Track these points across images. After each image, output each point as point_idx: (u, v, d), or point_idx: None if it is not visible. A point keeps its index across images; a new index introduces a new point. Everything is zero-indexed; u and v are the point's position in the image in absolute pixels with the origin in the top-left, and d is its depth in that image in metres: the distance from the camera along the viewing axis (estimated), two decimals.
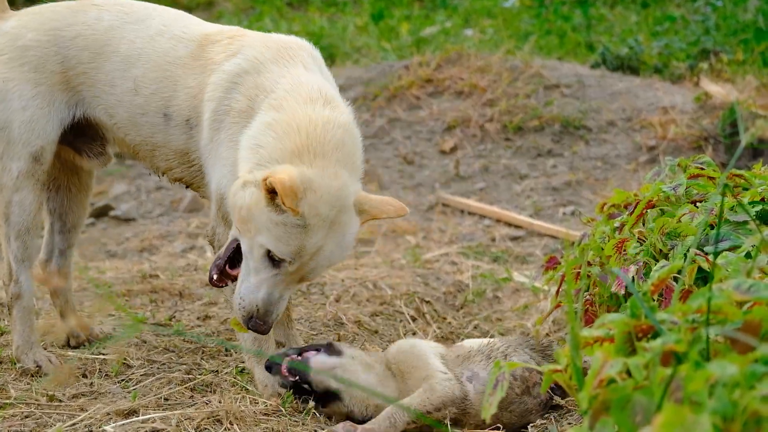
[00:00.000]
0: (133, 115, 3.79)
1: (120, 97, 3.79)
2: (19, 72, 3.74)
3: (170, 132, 3.76)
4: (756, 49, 9.28)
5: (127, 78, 3.77)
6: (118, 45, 3.79)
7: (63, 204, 4.14)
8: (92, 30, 3.80)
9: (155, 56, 3.76)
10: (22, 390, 3.46)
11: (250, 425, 3.15)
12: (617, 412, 1.78)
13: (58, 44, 3.78)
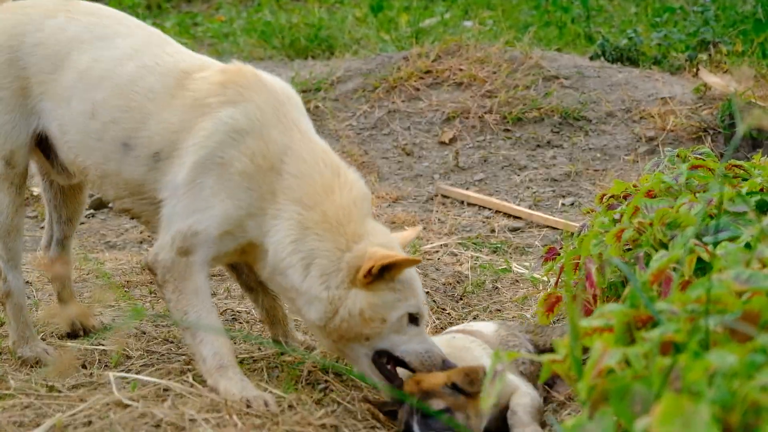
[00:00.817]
0: (86, 138, 3.62)
1: (74, 117, 3.63)
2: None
3: (126, 162, 3.58)
4: (755, 40, 9.27)
5: (85, 99, 3.61)
6: (78, 59, 3.63)
7: (57, 197, 4.11)
8: (55, 39, 3.66)
9: (120, 81, 3.59)
10: (22, 380, 3.46)
11: (250, 416, 3.15)
12: (616, 402, 1.78)
13: (21, 50, 3.67)
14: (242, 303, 4.52)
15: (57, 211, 4.12)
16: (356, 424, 3.35)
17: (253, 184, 3.43)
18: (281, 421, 3.16)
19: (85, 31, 3.67)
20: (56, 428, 3.03)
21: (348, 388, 3.65)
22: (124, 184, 3.61)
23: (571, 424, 1.83)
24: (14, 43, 3.67)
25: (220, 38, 11.15)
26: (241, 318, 4.29)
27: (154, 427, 3.06)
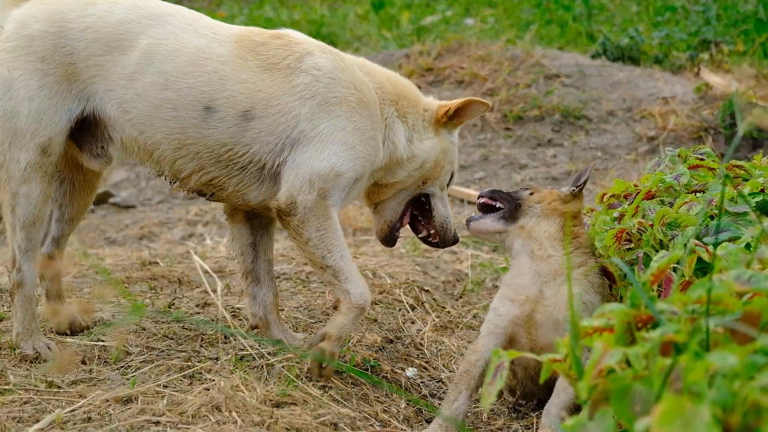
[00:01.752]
0: (158, 111, 3.70)
1: (142, 92, 3.69)
2: (25, 61, 3.68)
3: (210, 125, 3.72)
4: (756, 40, 9.27)
5: (154, 73, 3.69)
6: (135, 39, 3.72)
7: (64, 196, 4.11)
8: (104, 23, 3.72)
9: (187, 51, 3.72)
10: (21, 376, 3.46)
11: (250, 412, 3.15)
12: (617, 402, 1.78)
13: (66, 36, 3.70)
14: (241, 300, 4.52)
15: (60, 209, 4.11)
16: (355, 422, 3.35)
17: (368, 109, 3.83)
18: (280, 417, 3.16)
19: (131, 13, 3.76)
20: (55, 424, 3.03)
21: (347, 385, 3.65)
22: (208, 151, 3.73)
23: (572, 423, 1.83)
24: (57, 29, 3.71)
25: None
26: (241, 315, 4.29)
27: (154, 423, 3.06)
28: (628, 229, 3.44)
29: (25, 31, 3.70)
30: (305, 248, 3.74)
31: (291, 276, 5.07)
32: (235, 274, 5.09)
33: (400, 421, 3.51)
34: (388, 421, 3.47)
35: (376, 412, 3.51)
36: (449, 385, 3.53)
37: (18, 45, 3.69)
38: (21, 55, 3.68)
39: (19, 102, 3.66)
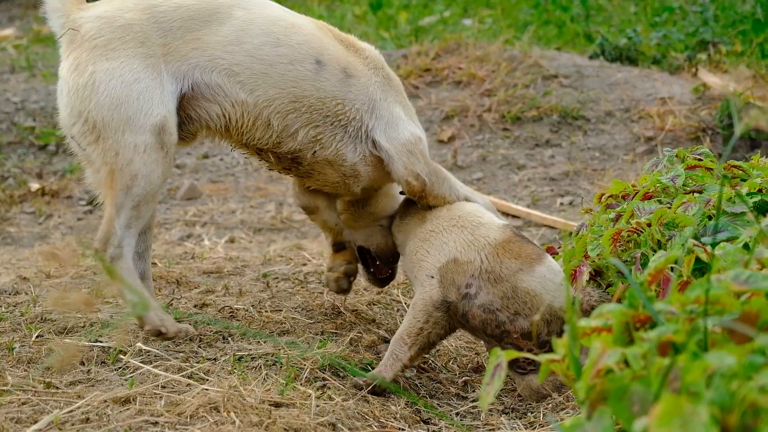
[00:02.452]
0: (273, 67, 3.93)
1: (253, 51, 3.91)
2: (124, 49, 3.76)
3: (322, 78, 4.01)
4: (754, 41, 9.28)
5: (263, 34, 3.94)
6: (230, 12, 3.93)
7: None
8: (193, 1, 3.92)
9: (286, 18, 4.06)
10: (19, 377, 3.46)
11: (248, 413, 3.15)
12: (615, 402, 1.78)
13: (157, 19, 3.83)
14: (240, 300, 4.52)
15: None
16: (354, 422, 3.35)
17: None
18: (278, 418, 3.16)
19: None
20: (54, 425, 3.03)
21: (346, 386, 3.65)
22: (320, 104, 4.01)
23: (570, 423, 1.83)
24: (149, 14, 3.84)
25: None
26: (239, 315, 4.29)
27: (152, 424, 3.06)
28: (624, 230, 3.44)
29: (118, 23, 3.80)
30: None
31: (289, 276, 5.06)
32: (234, 275, 5.09)
33: (398, 421, 3.51)
34: (386, 422, 3.47)
35: (374, 412, 3.51)
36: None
37: (113, 37, 3.78)
38: (118, 45, 3.77)
39: (126, 87, 3.74)
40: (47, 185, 7.48)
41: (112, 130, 3.73)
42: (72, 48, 3.82)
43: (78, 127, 3.79)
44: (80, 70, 3.77)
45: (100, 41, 3.77)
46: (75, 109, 3.77)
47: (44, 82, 8.94)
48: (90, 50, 3.78)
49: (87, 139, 3.78)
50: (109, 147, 3.73)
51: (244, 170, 7.78)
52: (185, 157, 7.94)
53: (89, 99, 3.74)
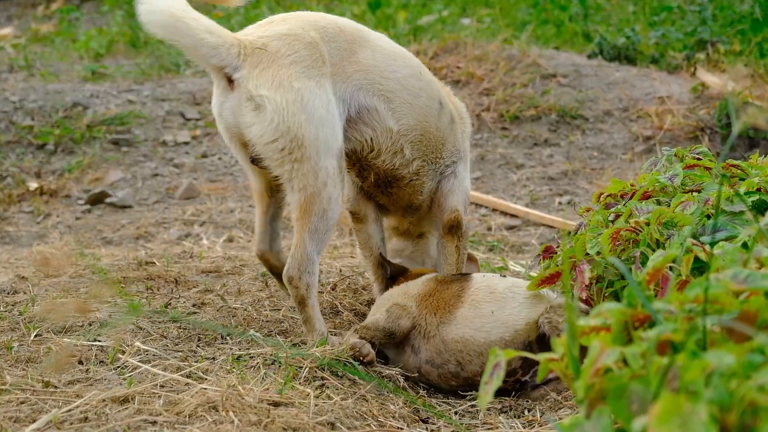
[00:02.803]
0: (415, 99, 4.08)
1: (403, 81, 4.04)
2: (317, 68, 3.76)
3: (441, 119, 4.24)
4: (753, 40, 9.28)
5: (404, 66, 4.09)
6: (377, 42, 4.07)
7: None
8: (348, 25, 4.03)
9: (415, 60, 4.25)
10: (18, 376, 3.46)
11: (247, 412, 3.15)
12: (614, 401, 1.78)
13: (329, 39, 3.86)
14: (238, 299, 4.52)
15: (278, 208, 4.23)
16: (352, 422, 3.35)
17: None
18: (277, 417, 3.16)
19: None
20: (52, 424, 3.03)
21: (344, 385, 3.65)
22: (435, 141, 4.24)
23: (569, 423, 1.83)
24: (321, 35, 3.87)
25: None
26: (238, 314, 4.29)
27: (151, 423, 3.06)
28: (623, 230, 3.44)
29: (306, 41, 3.79)
30: (455, 256, 4.38)
31: None
32: (232, 274, 5.09)
33: (396, 420, 3.51)
34: (385, 421, 3.47)
35: (372, 411, 3.51)
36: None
37: (306, 54, 3.77)
38: (311, 63, 3.76)
39: (324, 107, 3.73)
40: (45, 184, 7.47)
41: (314, 151, 3.69)
42: (261, 67, 3.71)
43: (280, 144, 3.69)
44: (285, 86, 3.68)
45: (297, 57, 3.73)
46: (280, 126, 3.67)
47: (42, 82, 8.94)
48: (288, 66, 3.71)
49: (288, 158, 3.71)
50: (310, 168, 3.70)
51: (242, 170, 7.77)
52: (184, 157, 7.94)
53: (297, 116, 3.67)
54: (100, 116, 8.25)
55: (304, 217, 3.72)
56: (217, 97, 3.82)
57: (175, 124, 8.37)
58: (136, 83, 9.12)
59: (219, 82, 3.78)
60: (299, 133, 3.66)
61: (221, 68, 3.70)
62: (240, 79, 3.70)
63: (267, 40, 3.76)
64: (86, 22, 12.76)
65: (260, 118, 3.68)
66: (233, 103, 3.74)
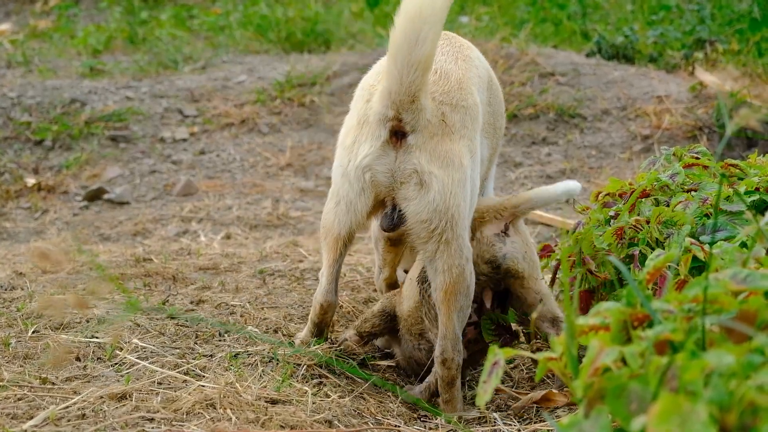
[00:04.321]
0: (496, 119, 4.03)
1: (494, 107, 3.99)
2: (474, 141, 3.59)
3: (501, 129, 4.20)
4: (751, 39, 9.28)
5: (497, 88, 4.10)
6: (493, 76, 4.08)
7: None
8: (482, 62, 3.96)
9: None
10: (15, 372, 3.45)
11: (245, 410, 3.15)
12: (612, 401, 1.78)
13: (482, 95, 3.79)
14: (236, 297, 4.52)
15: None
16: (350, 419, 3.35)
17: None
18: (275, 415, 3.16)
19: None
20: (50, 421, 3.02)
21: (342, 383, 3.65)
22: (496, 155, 4.20)
23: (567, 422, 1.83)
24: (478, 102, 3.73)
25: (216, 31, 11.13)
26: (236, 312, 4.29)
27: (148, 420, 3.05)
28: (625, 227, 3.44)
29: (468, 119, 3.58)
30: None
31: (285, 273, 5.06)
32: (230, 271, 5.09)
33: (394, 418, 3.51)
34: (382, 418, 3.47)
35: (370, 409, 3.51)
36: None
37: (464, 134, 3.55)
38: (467, 142, 3.56)
39: (473, 183, 3.59)
40: (43, 180, 7.47)
41: (463, 229, 3.53)
42: (437, 139, 3.46)
43: (433, 225, 3.48)
44: (455, 164, 3.49)
45: (466, 132, 3.56)
46: (440, 206, 3.47)
47: (40, 78, 8.93)
48: (459, 141, 3.53)
49: (437, 238, 3.48)
50: (456, 248, 3.53)
51: (241, 167, 7.77)
52: (182, 153, 7.94)
53: (457, 197, 3.50)
54: (98, 112, 8.24)
55: (451, 298, 3.52)
56: (374, 147, 3.47)
57: (173, 120, 8.37)
58: (134, 80, 9.12)
59: (381, 132, 3.46)
60: (455, 213, 3.44)
61: (399, 119, 3.42)
62: (413, 145, 3.42)
63: (446, 109, 3.48)
64: (84, 18, 12.75)
65: (421, 195, 3.43)
66: (395, 165, 3.44)
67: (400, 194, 3.45)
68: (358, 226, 3.62)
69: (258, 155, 7.94)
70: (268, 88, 8.78)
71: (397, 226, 3.52)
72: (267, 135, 8.25)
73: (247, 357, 3.70)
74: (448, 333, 3.57)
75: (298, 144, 8.11)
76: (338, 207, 3.59)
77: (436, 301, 3.57)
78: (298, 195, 7.30)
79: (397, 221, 3.50)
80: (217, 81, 9.00)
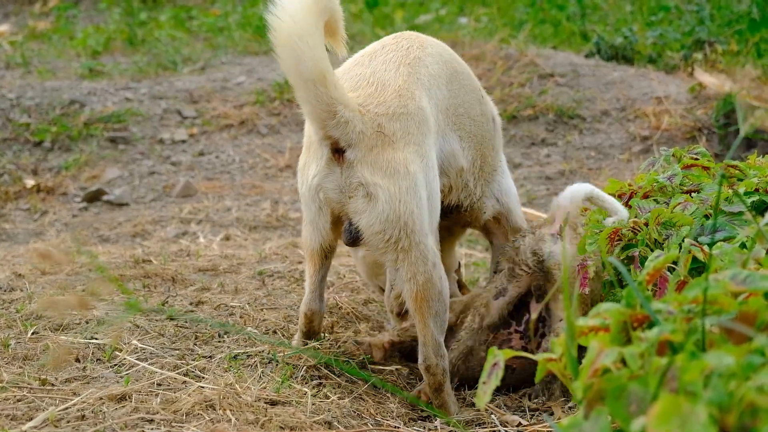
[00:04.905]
0: (478, 127, 4.01)
1: (469, 112, 3.95)
2: (423, 146, 3.60)
3: (495, 137, 4.21)
4: (750, 40, 9.28)
5: (470, 90, 4.02)
6: (462, 71, 4.05)
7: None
8: (446, 59, 3.96)
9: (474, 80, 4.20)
10: (15, 374, 3.45)
11: (244, 411, 3.15)
12: (612, 402, 1.78)
13: (432, 94, 3.76)
14: (236, 298, 4.52)
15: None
16: (349, 420, 3.35)
17: None
18: (274, 416, 3.16)
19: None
20: (49, 422, 3.02)
21: (342, 384, 3.65)
22: (491, 162, 4.19)
23: (567, 423, 1.83)
24: (424, 105, 3.70)
25: (215, 32, 11.13)
26: (236, 313, 4.29)
27: (148, 422, 3.06)
28: (622, 230, 3.44)
29: (412, 124, 3.58)
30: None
31: (284, 274, 5.06)
32: (229, 273, 5.09)
33: (394, 419, 3.51)
34: (382, 419, 3.47)
35: (369, 410, 3.51)
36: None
37: (409, 140, 3.56)
38: (414, 147, 3.56)
39: (428, 187, 3.58)
40: (42, 182, 7.47)
41: (422, 235, 3.52)
42: (377, 150, 3.48)
43: (387, 235, 3.50)
44: (401, 172, 3.49)
45: (411, 138, 3.56)
46: (390, 216, 3.49)
47: (39, 79, 8.93)
48: (403, 149, 3.55)
49: (394, 246, 3.51)
50: (418, 255, 3.54)
51: (240, 168, 7.77)
52: (181, 155, 7.94)
53: (408, 204, 3.52)
54: (97, 114, 8.24)
55: (423, 305, 3.52)
56: (319, 167, 3.52)
57: (173, 122, 8.36)
58: (133, 81, 9.11)
59: (323, 151, 3.49)
60: (409, 220, 3.44)
61: (335, 139, 3.44)
62: (353, 160, 3.44)
63: (382, 120, 3.48)
64: (83, 19, 12.75)
65: (371, 207, 3.44)
66: (341, 181, 3.48)
67: (351, 208, 3.48)
68: (328, 242, 3.70)
69: (257, 156, 7.94)
70: (267, 89, 8.77)
71: (357, 239, 3.54)
72: (266, 136, 8.25)
73: (246, 358, 3.71)
74: (427, 340, 3.57)
75: (297, 145, 8.11)
76: (307, 226, 3.70)
77: (409, 309, 3.58)
78: (297, 196, 7.30)
79: (356, 235, 3.52)
80: (216, 82, 9.00)
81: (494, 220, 4.36)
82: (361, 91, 3.58)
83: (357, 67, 3.75)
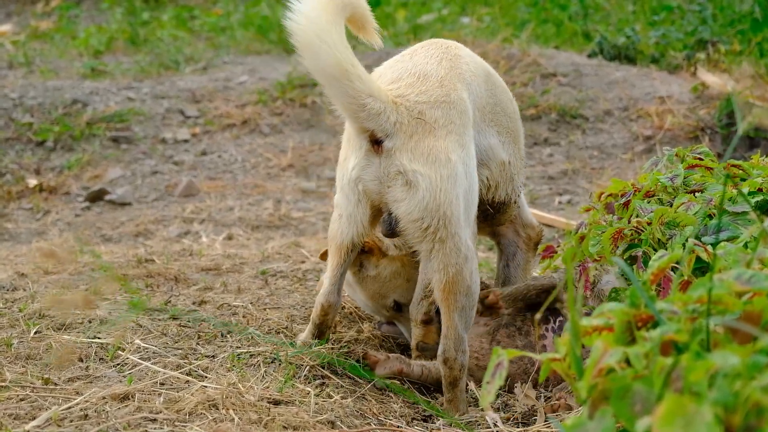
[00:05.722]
0: (513, 122, 4.05)
1: (505, 109, 3.99)
2: (464, 136, 3.62)
3: (523, 132, 4.24)
4: (753, 40, 9.28)
5: (503, 90, 4.08)
6: (494, 73, 4.10)
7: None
8: (477, 62, 3.98)
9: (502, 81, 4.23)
10: (18, 373, 3.45)
11: (247, 410, 3.15)
12: (617, 402, 1.77)
13: (471, 90, 3.77)
14: (239, 297, 4.52)
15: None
16: (352, 420, 3.35)
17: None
18: (277, 415, 3.16)
19: None
20: (52, 421, 3.02)
21: (345, 384, 3.65)
22: (523, 159, 4.23)
23: (571, 423, 1.83)
24: (464, 97, 3.71)
25: (217, 32, 11.13)
26: (239, 312, 4.29)
27: (151, 421, 3.05)
28: (625, 229, 3.44)
29: (454, 112, 3.61)
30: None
31: (287, 274, 5.06)
32: (232, 272, 5.09)
33: (397, 418, 3.51)
34: (385, 419, 3.47)
35: (372, 410, 3.51)
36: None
37: (451, 129, 3.59)
38: (455, 137, 3.58)
39: (468, 178, 3.60)
40: (45, 181, 7.47)
41: (459, 227, 3.53)
42: (417, 138, 3.50)
43: (426, 223, 3.50)
44: (441, 160, 3.49)
45: (453, 127, 3.59)
46: (430, 204, 3.51)
47: (42, 79, 8.93)
48: (445, 137, 3.56)
49: (431, 236, 3.52)
50: (453, 246, 3.54)
51: (242, 167, 7.77)
52: (183, 154, 7.94)
53: (449, 193, 3.52)
54: (99, 113, 8.24)
55: (450, 297, 3.53)
56: (358, 158, 3.53)
57: (175, 121, 8.37)
58: (135, 80, 9.12)
59: (362, 143, 3.50)
60: (447, 210, 3.43)
61: (371, 130, 3.44)
62: (392, 149, 3.44)
63: (423, 107, 3.48)
64: (86, 19, 12.76)
65: (410, 195, 3.44)
66: (380, 171, 3.48)
67: (390, 197, 3.49)
68: (361, 235, 3.68)
69: (259, 156, 7.94)
70: (269, 88, 8.78)
71: (395, 230, 3.55)
72: (268, 136, 8.25)
73: (249, 358, 3.70)
74: (450, 332, 3.58)
75: (299, 145, 8.11)
76: (341, 219, 3.67)
77: (437, 299, 3.59)
78: (300, 196, 7.30)
79: (395, 226, 3.53)
80: (219, 82, 9.00)
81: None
82: (402, 81, 3.58)
83: (398, 63, 3.77)
